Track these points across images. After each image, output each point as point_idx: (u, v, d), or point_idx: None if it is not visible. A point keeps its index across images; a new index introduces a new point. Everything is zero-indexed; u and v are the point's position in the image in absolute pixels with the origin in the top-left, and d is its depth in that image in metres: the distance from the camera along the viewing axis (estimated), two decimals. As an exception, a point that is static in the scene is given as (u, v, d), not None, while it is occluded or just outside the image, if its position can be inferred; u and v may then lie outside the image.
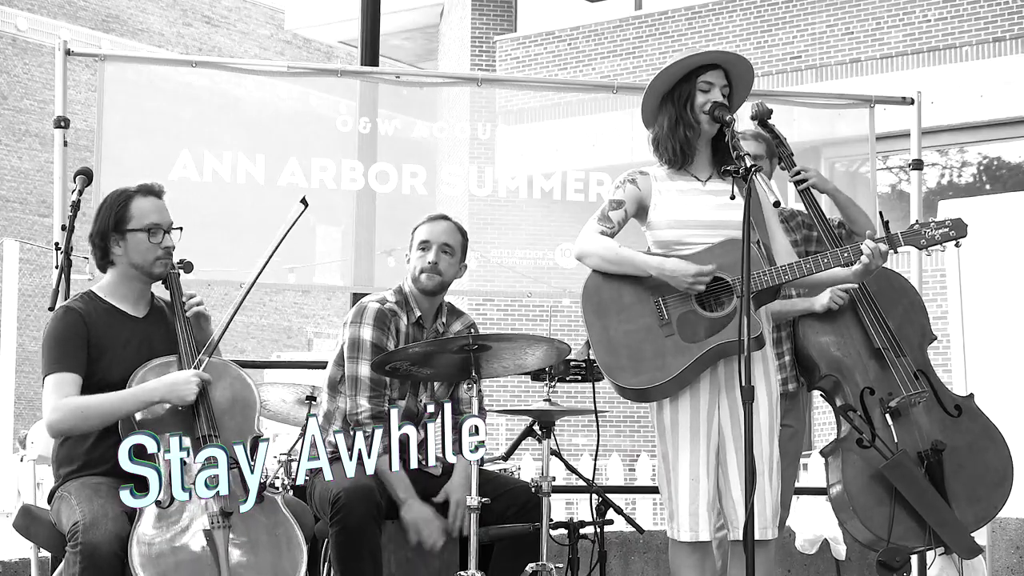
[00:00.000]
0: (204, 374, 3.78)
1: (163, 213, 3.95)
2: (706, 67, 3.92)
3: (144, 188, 3.96)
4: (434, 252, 4.39)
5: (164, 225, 3.92)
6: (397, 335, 4.39)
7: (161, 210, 3.94)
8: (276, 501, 3.75)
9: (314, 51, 23.87)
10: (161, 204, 3.96)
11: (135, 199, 3.92)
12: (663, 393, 3.83)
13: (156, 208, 3.93)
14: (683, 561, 3.89)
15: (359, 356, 4.33)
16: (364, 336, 4.34)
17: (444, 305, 4.52)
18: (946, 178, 13.82)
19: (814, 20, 13.74)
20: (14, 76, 20.60)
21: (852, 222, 4.74)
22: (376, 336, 4.33)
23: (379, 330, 4.34)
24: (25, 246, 14.05)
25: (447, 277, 4.43)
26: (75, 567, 3.48)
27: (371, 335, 4.33)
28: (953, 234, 3.95)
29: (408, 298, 4.45)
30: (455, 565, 4.23)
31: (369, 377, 4.30)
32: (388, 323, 4.36)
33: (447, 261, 4.42)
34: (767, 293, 3.87)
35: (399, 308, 4.42)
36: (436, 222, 4.47)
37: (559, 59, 15.17)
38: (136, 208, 3.90)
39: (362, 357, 4.32)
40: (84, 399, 3.74)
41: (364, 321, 4.36)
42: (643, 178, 3.99)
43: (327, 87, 5.93)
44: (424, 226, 4.46)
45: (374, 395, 4.30)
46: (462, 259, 4.50)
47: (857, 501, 4.29)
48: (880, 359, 4.48)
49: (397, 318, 4.40)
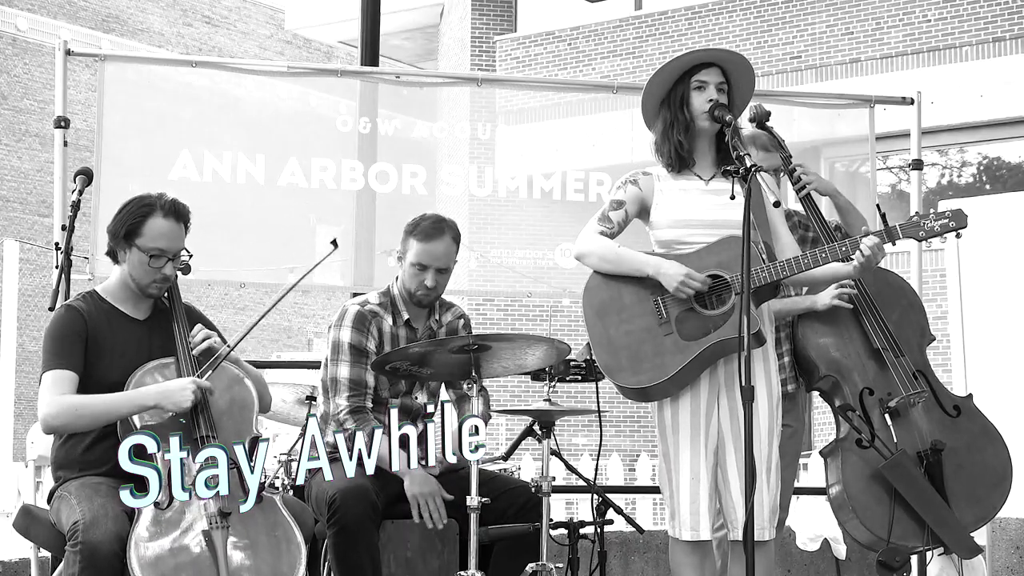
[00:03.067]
0: (204, 383, 3.75)
1: (175, 239, 3.86)
2: (700, 66, 3.92)
3: (169, 206, 3.86)
4: (431, 277, 4.33)
5: (170, 252, 3.85)
6: (380, 336, 4.38)
7: (174, 236, 3.86)
8: (275, 501, 3.75)
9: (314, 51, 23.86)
10: (178, 229, 3.87)
11: (154, 216, 3.83)
12: (664, 392, 3.84)
13: (169, 233, 3.85)
14: (683, 560, 3.90)
15: (338, 358, 4.34)
16: (343, 338, 4.34)
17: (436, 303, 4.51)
18: (946, 178, 13.82)
19: (814, 20, 13.74)
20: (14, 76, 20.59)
21: (850, 227, 4.74)
22: (355, 338, 4.33)
23: (358, 331, 4.34)
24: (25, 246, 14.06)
25: (441, 291, 4.42)
26: (75, 566, 3.48)
27: (349, 336, 4.34)
28: (953, 225, 3.91)
29: (396, 300, 4.43)
30: (455, 565, 4.23)
31: (348, 378, 4.31)
32: (367, 324, 4.36)
33: (443, 280, 4.39)
34: (766, 290, 3.87)
35: (382, 309, 4.41)
36: (433, 243, 4.32)
37: (559, 59, 15.16)
38: (151, 227, 3.83)
39: (340, 359, 4.33)
40: (79, 398, 3.73)
41: (343, 324, 4.36)
42: (646, 178, 4.00)
43: (327, 87, 5.93)
44: (420, 246, 4.32)
45: (353, 394, 4.30)
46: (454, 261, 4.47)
47: (856, 501, 4.28)
48: (879, 359, 4.48)
49: (379, 319, 4.39)
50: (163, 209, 3.86)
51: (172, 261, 3.87)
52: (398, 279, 4.44)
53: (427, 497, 4.10)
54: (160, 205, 3.86)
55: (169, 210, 3.87)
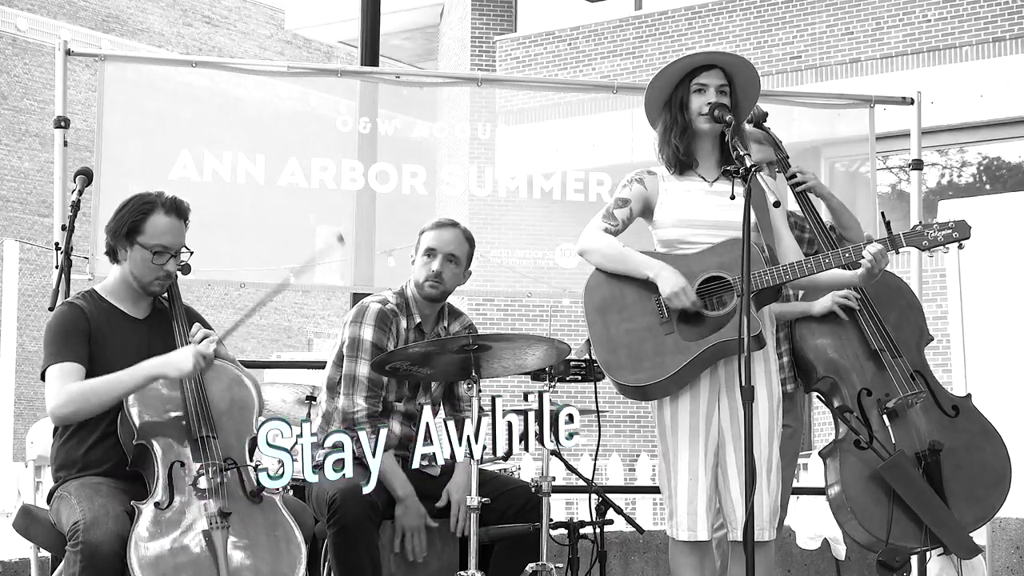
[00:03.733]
0: (205, 348, 3.74)
1: (177, 236, 3.89)
2: (701, 69, 3.92)
3: (169, 204, 3.89)
4: (439, 261, 4.38)
5: (173, 249, 3.87)
6: (397, 337, 4.39)
7: (176, 232, 3.88)
8: (275, 501, 3.75)
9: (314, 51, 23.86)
10: (179, 226, 3.89)
11: (155, 213, 3.86)
12: (663, 391, 3.84)
13: (171, 230, 3.87)
14: (682, 560, 3.90)
15: (358, 355, 4.33)
16: (365, 336, 4.34)
17: (446, 308, 4.52)
18: (946, 178, 13.82)
19: (814, 20, 13.73)
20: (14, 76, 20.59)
21: (844, 228, 4.74)
22: (377, 336, 4.33)
23: (380, 330, 4.34)
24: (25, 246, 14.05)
25: (449, 286, 4.43)
26: (75, 566, 3.48)
27: (372, 335, 4.33)
28: (956, 235, 3.92)
29: (409, 302, 4.44)
30: (455, 565, 4.24)
31: (367, 377, 4.30)
32: (389, 324, 4.36)
33: (451, 271, 4.41)
34: (768, 293, 3.87)
35: (399, 310, 4.42)
36: (444, 229, 4.43)
37: (559, 59, 15.16)
38: (152, 224, 3.85)
39: (361, 356, 4.32)
40: (84, 383, 3.73)
41: (365, 321, 4.36)
42: (651, 178, 4.00)
43: (327, 87, 5.93)
44: (432, 232, 4.43)
45: (371, 395, 4.30)
46: (467, 267, 4.49)
47: (855, 502, 4.29)
48: (877, 360, 4.48)
49: (398, 319, 4.40)
50: (164, 206, 3.88)
51: (174, 258, 3.88)
52: (411, 282, 4.45)
53: (413, 531, 4.18)
54: (161, 202, 3.88)
55: (170, 207, 3.89)
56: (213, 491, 3.63)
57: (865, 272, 3.85)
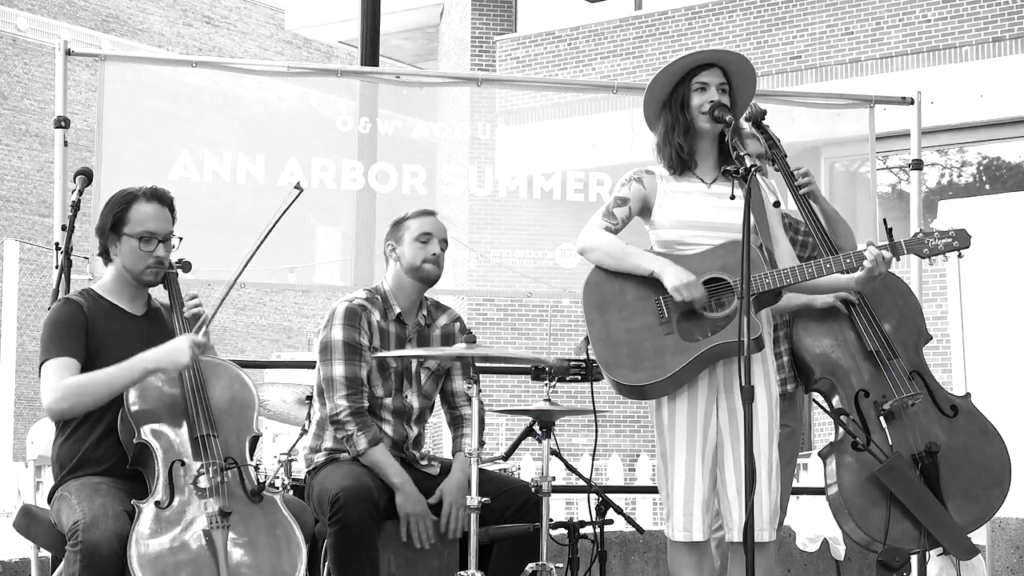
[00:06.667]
0: (199, 338, 3.74)
1: (162, 222, 3.90)
2: (701, 67, 3.92)
3: (150, 192, 3.92)
4: (436, 244, 4.41)
5: (160, 234, 3.88)
6: (370, 330, 4.38)
7: (161, 218, 3.90)
8: (275, 501, 3.75)
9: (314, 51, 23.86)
10: (163, 212, 3.91)
11: (137, 203, 3.88)
12: (661, 391, 3.83)
13: (155, 216, 3.89)
14: (681, 561, 3.90)
15: (331, 358, 4.31)
16: (335, 336, 4.32)
17: (425, 299, 4.52)
18: (946, 178, 13.82)
19: (814, 20, 13.74)
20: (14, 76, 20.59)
21: (837, 235, 4.74)
22: (347, 334, 4.31)
23: (349, 327, 4.32)
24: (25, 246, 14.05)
25: (441, 269, 4.45)
26: (75, 566, 3.48)
27: (342, 334, 4.31)
28: (956, 244, 3.94)
29: (388, 295, 4.43)
30: (455, 565, 4.23)
31: (344, 375, 4.29)
32: (358, 319, 4.34)
33: (443, 257, 4.44)
34: (768, 296, 3.87)
35: (370, 304, 4.40)
36: (434, 217, 4.47)
37: (559, 59, 15.16)
38: (136, 213, 3.87)
39: (334, 358, 4.31)
40: (80, 377, 3.73)
41: (334, 322, 4.35)
42: (649, 177, 4.00)
43: (327, 87, 5.93)
44: (424, 219, 4.44)
45: (351, 392, 4.28)
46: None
47: (853, 504, 4.28)
48: (874, 362, 4.47)
49: (368, 312, 4.38)
50: (145, 195, 3.91)
51: (163, 243, 3.89)
52: (387, 278, 4.45)
53: (418, 518, 4.15)
54: (142, 193, 3.91)
55: (151, 195, 3.91)
56: (213, 490, 3.63)
57: (865, 274, 3.85)
